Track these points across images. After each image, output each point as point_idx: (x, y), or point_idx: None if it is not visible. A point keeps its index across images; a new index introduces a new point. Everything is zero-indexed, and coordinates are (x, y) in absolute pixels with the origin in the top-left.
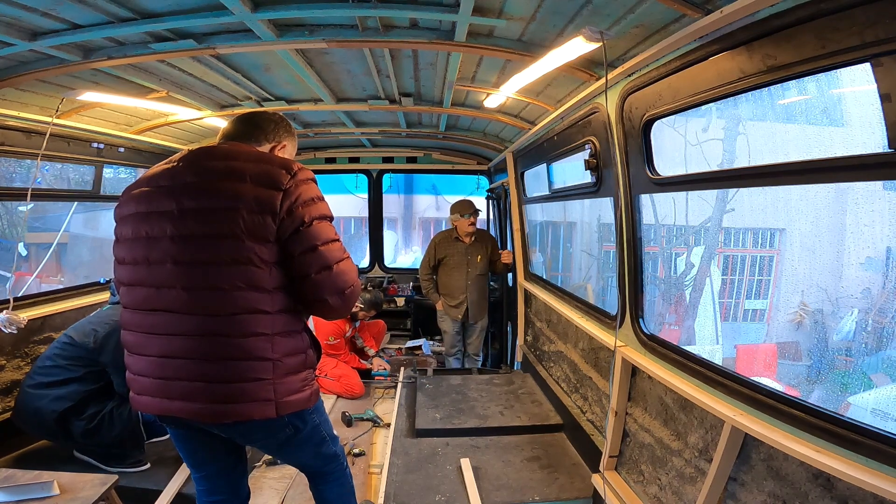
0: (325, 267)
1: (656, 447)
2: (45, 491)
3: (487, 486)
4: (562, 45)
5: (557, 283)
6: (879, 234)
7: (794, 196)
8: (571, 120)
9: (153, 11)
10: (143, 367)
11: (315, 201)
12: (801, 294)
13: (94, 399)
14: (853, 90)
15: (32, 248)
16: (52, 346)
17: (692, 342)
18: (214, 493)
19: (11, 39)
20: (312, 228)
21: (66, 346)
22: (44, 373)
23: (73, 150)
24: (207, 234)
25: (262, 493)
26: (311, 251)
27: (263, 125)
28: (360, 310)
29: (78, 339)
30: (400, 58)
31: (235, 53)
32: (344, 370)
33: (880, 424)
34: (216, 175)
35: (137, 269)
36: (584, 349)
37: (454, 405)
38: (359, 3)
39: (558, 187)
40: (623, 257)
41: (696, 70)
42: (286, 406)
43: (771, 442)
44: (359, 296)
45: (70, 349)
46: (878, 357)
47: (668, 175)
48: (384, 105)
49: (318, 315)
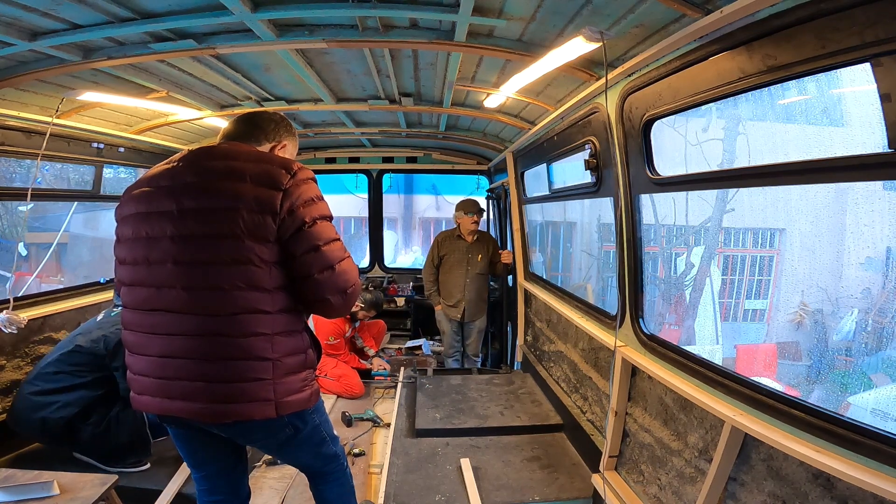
0: (328, 266)
1: (656, 447)
2: (45, 491)
3: (487, 486)
4: (562, 45)
5: (557, 283)
6: (879, 234)
7: (794, 196)
8: (571, 120)
9: (153, 11)
10: (143, 367)
11: (315, 201)
12: (801, 294)
13: (100, 404)
14: (853, 90)
15: (32, 248)
16: (56, 352)
17: (692, 342)
18: (215, 493)
19: (11, 39)
20: (314, 228)
21: (72, 352)
22: (48, 379)
23: (73, 150)
24: (207, 234)
25: (262, 493)
26: (313, 251)
27: (264, 125)
28: (360, 309)
29: (86, 346)
30: (400, 58)
31: (235, 53)
32: (344, 370)
33: (880, 424)
34: (216, 175)
35: (138, 269)
36: (584, 349)
37: (454, 405)
38: (359, 3)
39: (558, 187)
40: (623, 257)
41: (696, 70)
42: (286, 406)
43: (771, 442)
44: (360, 295)
45: (76, 355)
46: (878, 357)
47: (668, 175)
48: (384, 105)
49: (319, 314)
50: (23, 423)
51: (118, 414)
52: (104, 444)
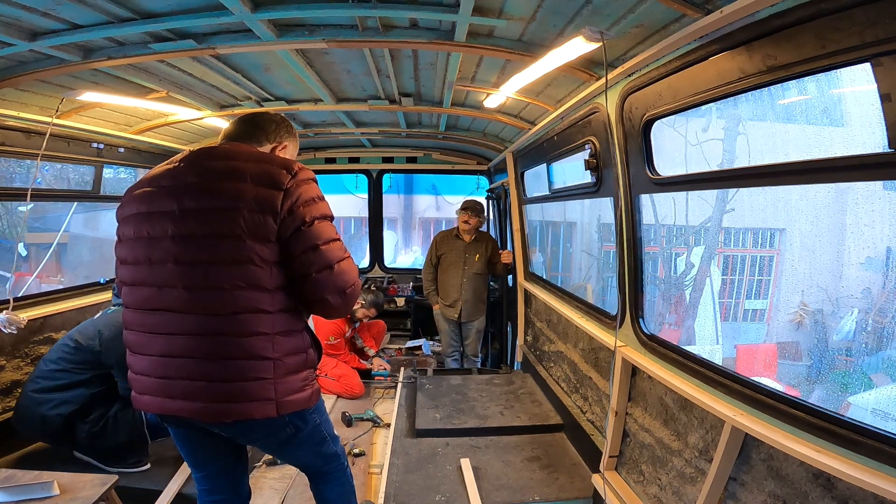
0: (327, 266)
1: (656, 447)
2: (45, 491)
3: (487, 486)
4: (562, 45)
5: (557, 283)
6: (879, 234)
7: (794, 196)
8: (571, 120)
9: (153, 11)
10: (144, 367)
11: (316, 201)
12: (801, 294)
13: (99, 402)
14: (853, 90)
15: (32, 248)
16: (56, 349)
17: (692, 342)
18: (215, 493)
19: (11, 39)
20: (313, 228)
21: (71, 349)
22: (48, 377)
23: (72, 151)
24: (208, 233)
25: (262, 493)
26: (312, 250)
27: (264, 125)
28: (360, 307)
29: (83, 343)
30: (400, 58)
31: (235, 53)
32: (344, 370)
33: (880, 424)
34: (217, 175)
35: (139, 269)
36: (584, 349)
37: (454, 405)
38: (359, 3)
39: (558, 187)
40: (623, 257)
41: (696, 70)
42: (287, 405)
43: (771, 442)
44: (359, 295)
45: (75, 353)
46: (878, 357)
47: (668, 175)
48: (384, 105)
49: (318, 314)
50: (25, 422)
51: (116, 413)
52: (102, 442)
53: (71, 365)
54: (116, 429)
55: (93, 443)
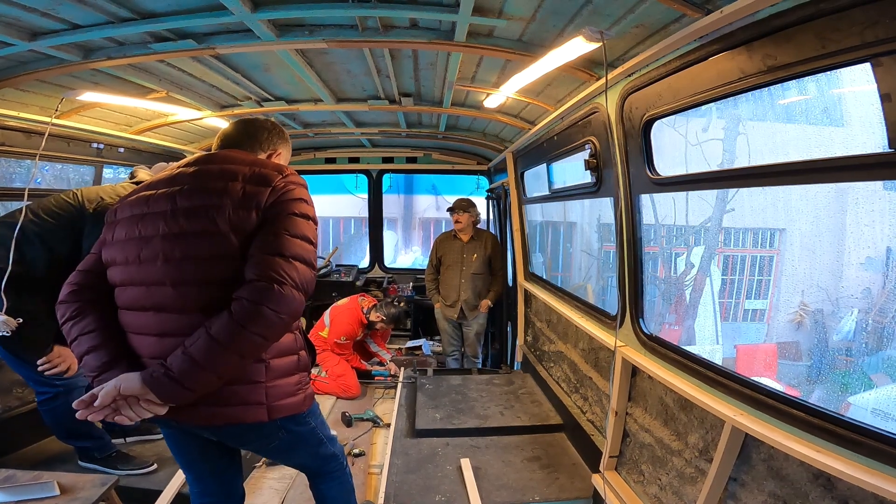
0: (279, 253)
1: (656, 447)
2: (45, 491)
3: (487, 486)
4: (562, 45)
5: (557, 284)
6: (879, 234)
7: (794, 196)
8: (571, 120)
9: (153, 11)
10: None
11: (301, 200)
12: (801, 294)
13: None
14: (853, 90)
15: None
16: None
17: (692, 342)
18: (206, 495)
19: (11, 39)
20: (288, 219)
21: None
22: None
23: (72, 151)
24: (196, 230)
25: (262, 494)
26: (273, 235)
27: (258, 135)
28: (380, 321)
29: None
30: (400, 58)
31: (235, 53)
32: (344, 369)
33: (881, 424)
34: (211, 176)
35: (128, 269)
36: (584, 349)
37: (454, 405)
38: (359, 3)
39: (558, 187)
40: (623, 257)
41: (696, 70)
42: (278, 410)
43: (771, 442)
44: (289, 328)
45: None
46: (878, 357)
47: (668, 175)
48: (384, 105)
49: (237, 310)
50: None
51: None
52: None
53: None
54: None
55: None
